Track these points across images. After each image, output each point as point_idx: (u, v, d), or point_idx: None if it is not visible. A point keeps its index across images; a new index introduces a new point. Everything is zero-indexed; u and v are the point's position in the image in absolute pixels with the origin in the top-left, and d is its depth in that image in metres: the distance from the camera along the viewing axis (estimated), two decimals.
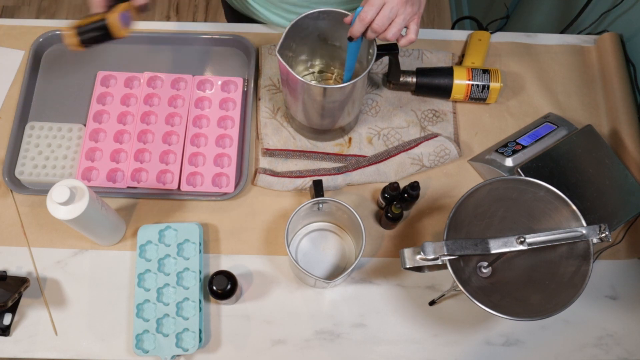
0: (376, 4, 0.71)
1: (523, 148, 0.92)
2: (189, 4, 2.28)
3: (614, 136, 0.98)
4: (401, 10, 0.72)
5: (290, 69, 0.77)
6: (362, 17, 0.72)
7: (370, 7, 0.71)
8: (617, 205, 0.90)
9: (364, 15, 0.72)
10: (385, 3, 0.71)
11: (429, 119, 1.00)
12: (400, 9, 0.72)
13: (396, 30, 0.73)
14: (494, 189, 0.77)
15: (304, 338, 0.86)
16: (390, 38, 0.74)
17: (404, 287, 0.89)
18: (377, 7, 0.71)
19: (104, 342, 0.84)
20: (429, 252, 0.70)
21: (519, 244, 0.71)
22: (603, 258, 0.92)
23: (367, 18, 0.72)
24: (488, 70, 0.97)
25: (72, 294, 0.87)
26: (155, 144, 0.94)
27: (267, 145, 0.96)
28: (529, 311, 0.71)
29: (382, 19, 0.72)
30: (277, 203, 0.93)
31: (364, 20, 0.72)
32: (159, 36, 1.04)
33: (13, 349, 0.84)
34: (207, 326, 0.86)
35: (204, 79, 1.00)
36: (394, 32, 0.73)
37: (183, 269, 0.86)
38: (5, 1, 2.24)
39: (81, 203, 0.72)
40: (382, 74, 1.03)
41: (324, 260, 0.89)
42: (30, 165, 0.93)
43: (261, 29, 1.07)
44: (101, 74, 0.99)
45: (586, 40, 1.09)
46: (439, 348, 0.86)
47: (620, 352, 0.87)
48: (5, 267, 0.88)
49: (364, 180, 0.94)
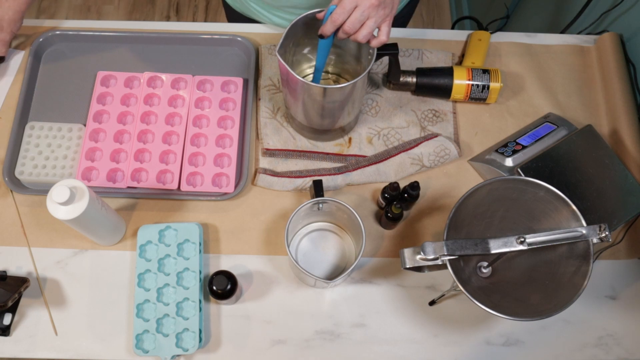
0: (348, 7, 0.71)
1: (523, 148, 0.92)
2: (189, 4, 2.28)
3: (614, 136, 0.98)
4: (372, 13, 0.72)
5: (290, 69, 0.77)
6: (333, 18, 0.73)
7: (342, 9, 0.72)
8: (617, 205, 0.90)
9: (336, 17, 0.72)
10: (357, 6, 0.71)
11: (429, 119, 1.00)
12: (372, 11, 0.72)
13: (367, 33, 0.74)
14: (494, 189, 0.77)
15: (304, 338, 0.86)
16: (361, 40, 0.75)
17: (404, 287, 0.89)
18: (349, 11, 0.72)
19: (104, 342, 0.84)
20: (429, 252, 0.70)
21: (519, 244, 0.71)
22: (603, 258, 0.92)
23: (339, 20, 0.73)
24: (488, 70, 0.97)
25: (72, 294, 0.87)
26: (155, 144, 0.94)
27: (267, 145, 0.96)
28: (529, 311, 0.71)
29: (353, 21, 0.72)
30: (277, 203, 0.93)
31: (336, 22, 0.73)
32: (159, 36, 1.04)
33: (13, 349, 0.84)
34: (207, 326, 0.86)
35: (204, 79, 1.00)
36: (365, 34, 0.74)
37: (183, 269, 0.86)
38: None
39: (81, 203, 0.72)
40: (382, 74, 1.03)
41: (324, 260, 0.89)
42: (30, 165, 0.93)
43: (261, 29, 1.07)
44: (101, 74, 0.99)
45: (586, 40, 1.09)
46: (439, 348, 0.86)
47: (620, 352, 0.87)
48: (5, 267, 0.88)
49: (364, 180, 0.94)
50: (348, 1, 0.71)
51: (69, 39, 1.04)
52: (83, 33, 1.03)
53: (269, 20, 1.07)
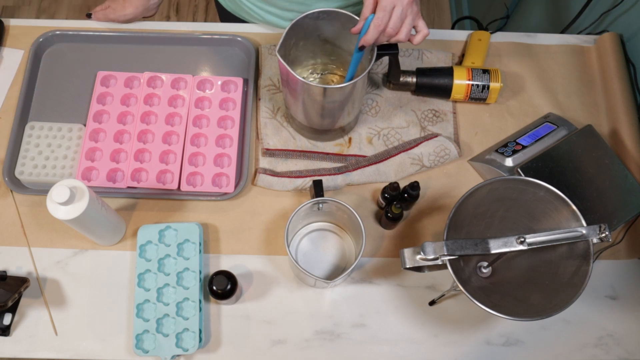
0: (388, 8, 0.71)
1: (523, 148, 0.92)
2: (189, 4, 2.28)
3: (614, 136, 0.98)
4: (409, 10, 0.72)
5: (290, 69, 0.77)
6: (377, 24, 0.72)
7: (384, 12, 0.71)
8: (617, 205, 0.90)
9: (379, 22, 0.72)
10: (395, 6, 0.71)
11: (429, 119, 1.00)
12: (408, 9, 0.72)
13: (407, 31, 0.74)
14: (494, 189, 0.77)
15: (304, 338, 0.86)
16: (404, 39, 0.75)
17: (404, 287, 0.89)
18: (389, 12, 0.71)
19: (104, 342, 0.84)
20: (429, 252, 0.70)
21: (519, 244, 0.71)
22: (603, 258, 0.92)
23: (383, 24, 0.72)
24: (488, 70, 0.97)
25: (72, 294, 0.87)
26: (155, 144, 0.94)
27: (267, 145, 0.96)
28: (529, 311, 0.71)
29: (395, 21, 0.72)
30: (277, 203, 0.93)
31: (380, 27, 0.72)
32: (159, 36, 1.04)
33: (13, 349, 0.84)
34: (207, 326, 0.86)
35: (204, 79, 1.00)
36: (406, 32, 0.74)
37: (183, 269, 0.86)
38: (5, 1, 2.24)
39: (81, 203, 0.72)
40: (382, 74, 1.03)
41: (324, 260, 0.89)
42: (30, 165, 0.93)
43: (261, 29, 1.07)
44: (101, 74, 0.99)
45: (586, 40, 1.09)
46: (439, 348, 0.86)
47: (620, 352, 0.87)
48: (5, 267, 0.88)
49: (364, 180, 0.94)
50: (387, 2, 0.71)
51: (69, 39, 1.04)
52: (83, 33, 1.03)
53: (262, 18, 1.06)
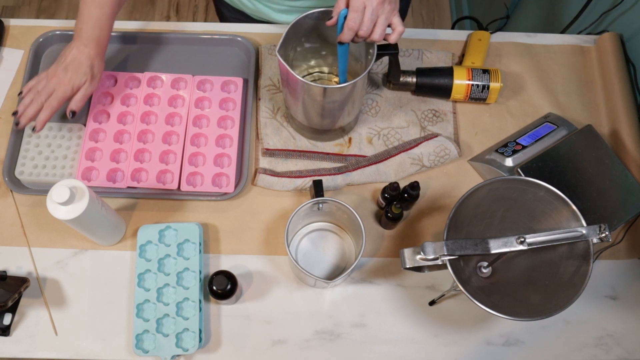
0: (359, 8, 0.72)
1: (523, 148, 0.92)
2: (189, 4, 2.28)
3: (614, 136, 0.98)
4: (381, 10, 0.73)
5: (290, 69, 0.77)
6: (350, 25, 0.73)
7: (356, 13, 0.72)
8: (617, 205, 0.90)
9: (352, 23, 0.72)
10: (366, 6, 0.72)
11: (429, 119, 1.00)
12: (380, 9, 0.73)
13: (381, 31, 0.75)
14: (494, 189, 0.77)
15: (304, 338, 0.86)
16: (377, 39, 0.75)
17: (404, 287, 0.89)
18: (362, 12, 0.72)
19: (104, 342, 0.84)
20: (429, 252, 0.70)
21: (519, 244, 0.71)
22: (603, 258, 0.92)
23: (356, 25, 0.73)
24: (488, 70, 0.97)
25: (72, 294, 0.87)
26: (155, 144, 0.94)
27: (267, 145, 0.96)
28: (529, 311, 0.71)
29: (366, 22, 0.73)
30: (277, 203, 0.93)
31: (354, 28, 0.73)
32: (159, 36, 1.04)
33: (13, 349, 0.84)
34: (207, 326, 0.86)
35: (204, 79, 1.00)
36: (380, 33, 0.75)
37: (183, 269, 0.86)
38: (5, 1, 2.24)
39: (81, 203, 0.72)
40: (382, 74, 1.03)
41: (324, 260, 0.89)
42: (30, 165, 0.93)
43: (261, 28, 1.07)
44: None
45: (586, 40, 1.09)
46: (439, 348, 0.86)
47: (620, 352, 0.87)
48: (5, 267, 0.88)
49: (364, 180, 0.94)
50: (357, 3, 0.71)
51: (69, 39, 1.03)
52: None
53: (255, 8, 1.06)
